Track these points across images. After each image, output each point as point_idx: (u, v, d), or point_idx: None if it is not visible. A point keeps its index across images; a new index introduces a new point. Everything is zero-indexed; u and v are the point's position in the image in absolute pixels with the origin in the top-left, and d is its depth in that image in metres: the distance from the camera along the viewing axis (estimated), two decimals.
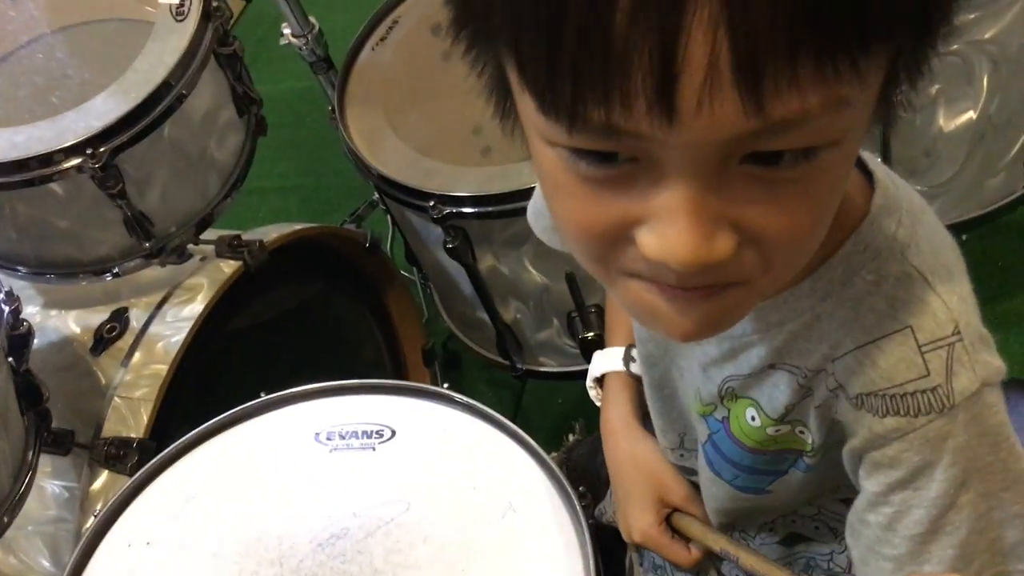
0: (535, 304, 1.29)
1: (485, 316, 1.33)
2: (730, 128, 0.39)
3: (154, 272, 1.21)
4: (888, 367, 0.55)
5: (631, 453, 0.85)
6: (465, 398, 0.94)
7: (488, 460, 0.90)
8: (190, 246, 1.22)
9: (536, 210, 0.84)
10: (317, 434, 0.95)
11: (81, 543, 0.89)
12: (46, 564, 1.10)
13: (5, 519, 0.98)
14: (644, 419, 0.87)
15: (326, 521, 0.87)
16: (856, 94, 0.41)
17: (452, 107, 1.27)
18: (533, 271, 1.23)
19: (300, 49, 1.55)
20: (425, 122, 1.26)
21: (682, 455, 0.81)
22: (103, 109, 0.99)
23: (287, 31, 1.56)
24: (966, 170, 1.31)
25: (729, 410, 0.66)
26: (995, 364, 0.56)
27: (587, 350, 1.29)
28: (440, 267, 1.32)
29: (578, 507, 0.83)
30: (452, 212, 1.12)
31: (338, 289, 1.45)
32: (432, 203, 1.12)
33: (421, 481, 0.90)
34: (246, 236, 1.21)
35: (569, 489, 0.85)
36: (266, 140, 1.25)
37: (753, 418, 0.64)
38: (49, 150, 0.96)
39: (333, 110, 1.27)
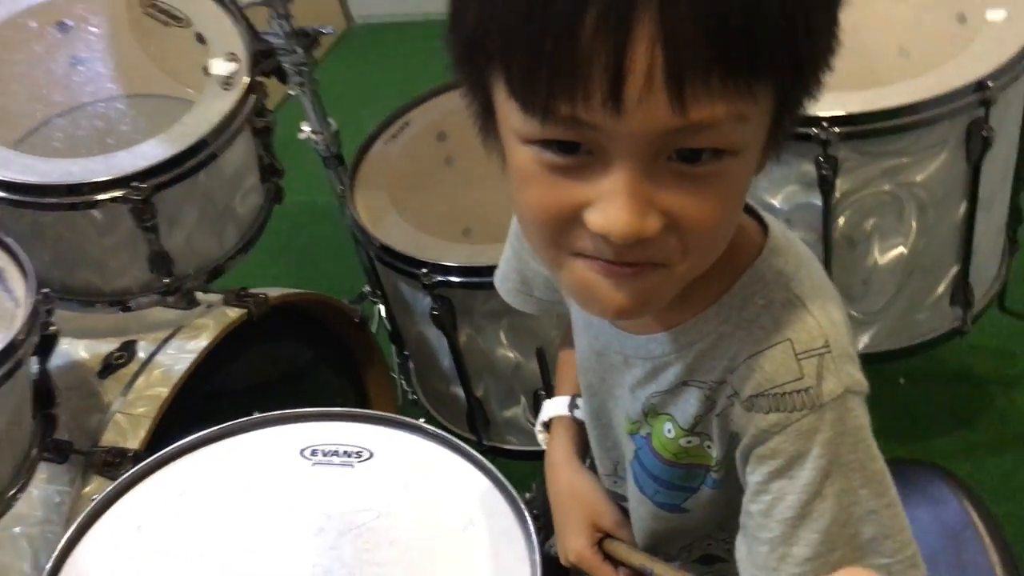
0: (505, 381, 1.41)
1: (458, 390, 1.46)
2: (661, 122, 0.53)
3: (164, 314, 1.34)
4: (772, 371, 0.67)
5: (569, 483, 0.95)
6: (437, 430, 1.05)
7: (454, 482, 1.01)
8: (199, 294, 1.36)
9: (503, 274, 0.97)
10: (302, 450, 1.05)
11: (76, 523, 0.97)
12: (26, 568, 1.17)
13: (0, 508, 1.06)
14: (584, 459, 0.99)
15: (304, 520, 0.97)
16: (751, 113, 0.56)
17: (447, 201, 1.44)
18: (507, 347, 1.37)
19: (316, 144, 1.73)
20: (423, 209, 1.42)
21: (615, 482, 0.92)
22: (150, 152, 1.15)
23: (307, 128, 1.74)
24: (897, 303, 1.46)
25: (652, 427, 0.78)
26: (857, 376, 0.68)
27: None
28: (423, 339, 1.45)
29: (530, 524, 0.94)
30: (441, 280, 1.26)
31: (325, 358, 1.56)
32: (425, 270, 1.26)
33: (392, 495, 1.00)
34: (252, 290, 1.34)
35: (523, 509, 0.96)
36: (262, 243, 1.39)
37: (669, 431, 0.76)
38: (99, 179, 1.11)
39: (343, 192, 1.44)
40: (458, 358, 1.38)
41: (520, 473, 1.54)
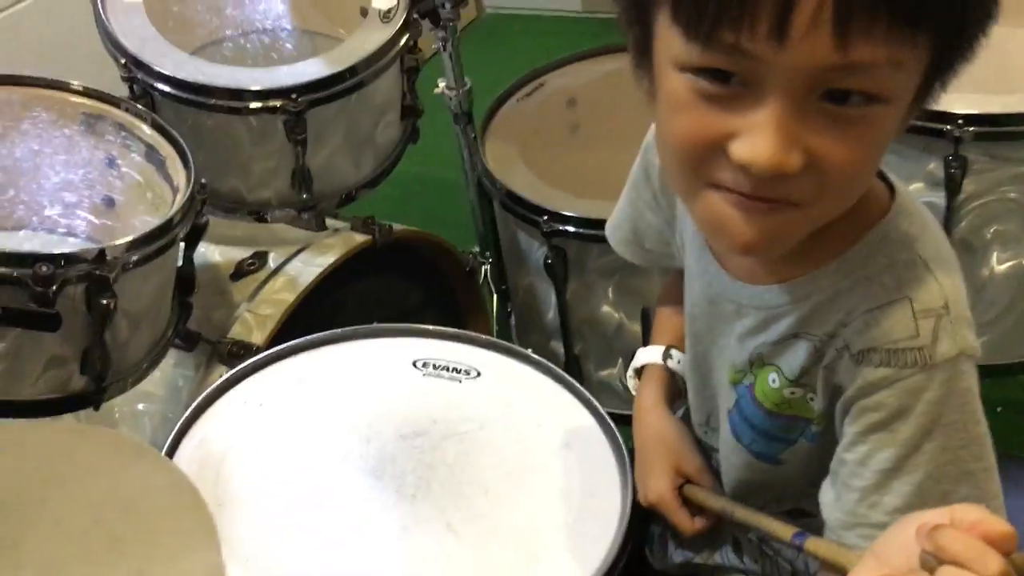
0: (606, 340, 1.45)
1: (558, 345, 1.50)
2: (822, 58, 0.56)
3: (295, 232, 1.42)
4: (888, 327, 0.69)
5: (656, 428, 0.98)
6: (545, 361, 1.11)
7: (555, 408, 1.06)
8: (328, 220, 1.44)
9: (615, 224, 1.00)
10: (415, 361, 1.11)
11: (199, 399, 1.05)
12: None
13: (130, 380, 1.15)
14: (673, 408, 1.00)
15: (411, 420, 1.03)
16: (908, 61, 0.58)
17: (572, 162, 1.49)
18: (613, 305, 1.41)
19: (450, 100, 1.80)
20: (549, 165, 1.47)
21: (706, 432, 0.95)
22: (309, 70, 1.23)
23: (442, 83, 1.81)
24: (1009, 316, 1.45)
25: (756, 376, 0.80)
26: (971, 341, 0.70)
27: None
28: (531, 292, 1.50)
29: (625, 454, 0.98)
30: (559, 230, 1.31)
31: (434, 301, 1.63)
32: (545, 218, 1.31)
33: (496, 412, 1.05)
34: (378, 220, 1.42)
35: (620, 439, 1.00)
36: (387, 196, 1.42)
37: (774, 380, 0.78)
38: (260, 88, 1.20)
39: (473, 141, 1.50)
40: (563, 311, 1.43)
41: None
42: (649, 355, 1.03)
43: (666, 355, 1.01)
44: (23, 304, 0.95)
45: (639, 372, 1.04)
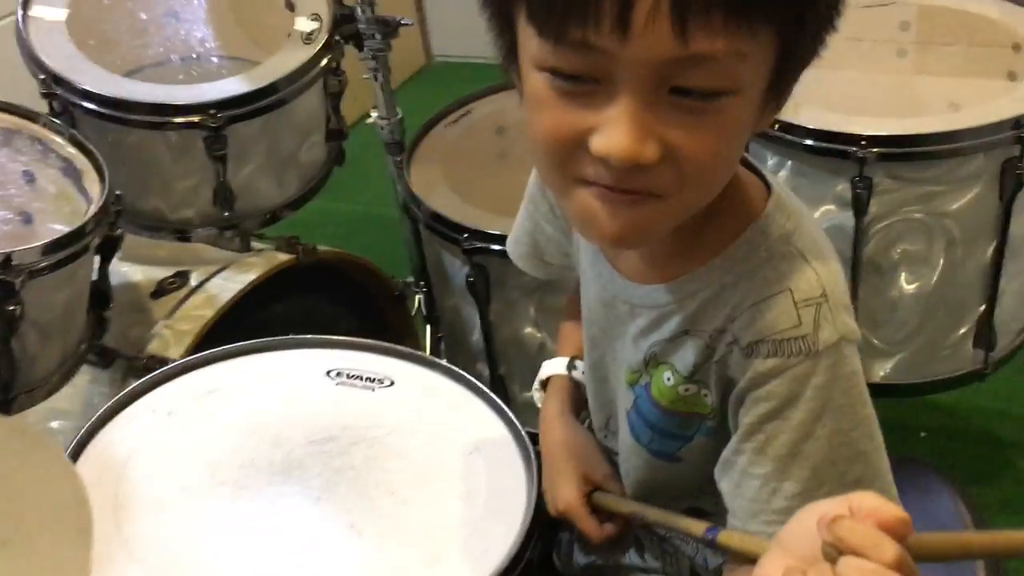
0: (529, 360, 1.46)
1: (484, 367, 1.51)
2: (663, 50, 0.58)
3: (218, 253, 1.43)
4: (772, 319, 0.72)
5: (562, 437, 0.99)
6: (457, 369, 1.12)
7: (465, 413, 1.07)
8: (253, 242, 1.45)
9: (515, 238, 1.02)
10: (328, 371, 1.12)
11: (109, 404, 1.05)
12: None
13: (37, 395, 1.14)
14: (579, 417, 1.02)
15: (322, 427, 1.03)
16: (750, 51, 0.60)
17: (496, 186, 1.52)
18: (534, 324, 1.42)
19: (382, 129, 1.83)
20: (473, 188, 1.50)
21: (606, 436, 0.96)
22: (229, 87, 1.26)
23: (375, 114, 1.85)
24: (919, 336, 1.49)
25: (651, 375, 0.82)
26: (852, 325, 0.73)
27: None
28: (456, 314, 1.51)
29: (532, 456, 0.99)
30: (480, 247, 1.34)
31: (363, 326, 1.63)
32: (466, 235, 1.33)
33: (406, 418, 1.06)
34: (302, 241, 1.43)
35: (527, 443, 1.01)
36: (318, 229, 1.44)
37: (668, 378, 0.81)
38: (179, 103, 1.22)
39: (400, 163, 1.53)
40: (487, 332, 1.44)
41: None
42: (553, 367, 1.05)
43: (570, 366, 1.03)
44: None
45: (544, 384, 1.06)
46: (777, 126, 1.38)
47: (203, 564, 0.88)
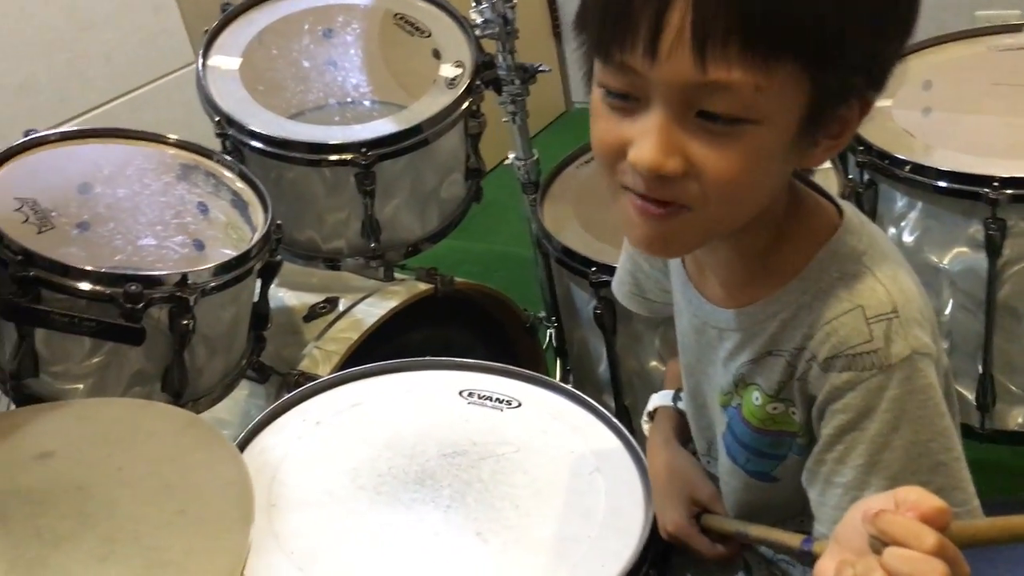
0: (654, 391, 1.49)
1: (610, 399, 1.56)
2: (685, 75, 0.65)
3: (364, 282, 1.54)
4: (845, 335, 0.76)
5: (667, 462, 1.03)
6: (581, 394, 1.18)
7: (588, 436, 1.12)
8: (396, 272, 1.56)
9: (619, 279, 1.09)
10: (461, 391, 1.20)
11: (265, 412, 1.15)
12: None
13: (202, 404, 1.26)
14: (685, 445, 1.05)
15: (453, 441, 1.10)
16: (767, 86, 0.65)
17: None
18: (659, 358, 1.46)
19: (518, 169, 1.92)
20: (602, 225, 1.56)
21: (709, 462, 1.00)
22: (379, 127, 1.37)
23: (512, 155, 1.94)
24: None
25: (742, 397, 0.86)
26: (924, 340, 0.75)
27: None
28: (584, 345, 1.57)
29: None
30: (607, 281, 1.39)
31: (494, 355, 1.71)
32: (594, 269, 1.39)
33: (532, 437, 1.12)
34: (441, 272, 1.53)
35: (647, 467, 1.05)
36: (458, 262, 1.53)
37: (757, 398, 0.84)
38: (334, 142, 1.34)
39: (534, 202, 1.61)
40: (613, 363, 1.49)
41: None
42: (660, 399, 1.11)
43: (675, 398, 1.09)
44: (114, 319, 1.07)
45: (652, 416, 1.11)
46: (908, 168, 1.39)
47: (343, 560, 0.97)
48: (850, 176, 1.48)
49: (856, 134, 1.44)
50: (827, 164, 1.55)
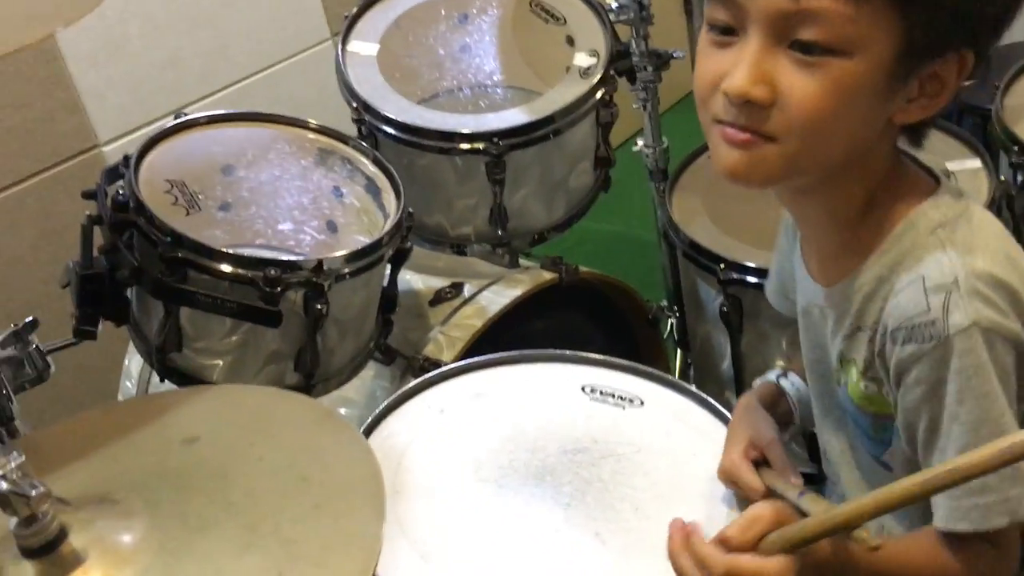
0: None
1: (732, 396, 1.53)
2: (780, 4, 0.69)
3: (489, 268, 1.55)
4: (906, 305, 0.75)
5: (740, 409, 1.06)
6: (707, 396, 1.16)
7: (712, 442, 1.10)
8: (521, 260, 1.57)
9: (769, 278, 1.11)
10: (584, 386, 1.20)
11: (391, 398, 1.18)
12: None
13: (332, 384, 1.30)
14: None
15: (574, 438, 1.11)
16: (856, 15, 0.68)
17: (758, 216, 1.53)
18: (785, 359, 1.43)
19: (647, 157, 1.90)
20: (733, 219, 1.53)
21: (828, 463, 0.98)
22: (511, 117, 1.38)
23: (641, 142, 1.92)
24: None
25: (846, 374, 0.86)
26: (987, 313, 0.73)
27: (813, 448, 1.45)
28: (707, 341, 1.55)
29: None
30: (735, 279, 1.37)
31: (615, 345, 1.71)
32: (722, 266, 1.37)
33: (654, 438, 1.11)
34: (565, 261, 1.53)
35: None
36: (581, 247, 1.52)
37: (854, 375, 0.84)
38: (466, 131, 1.36)
39: (662, 190, 1.59)
40: (737, 361, 1.47)
41: None
42: (766, 376, 1.11)
43: (780, 375, 1.09)
44: (253, 301, 1.12)
45: None
46: None
47: (464, 549, 0.99)
48: (1002, 177, 1.41)
49: (1010, 132, 1.38)
50: (976, 163, 1.48)
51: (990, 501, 0.73)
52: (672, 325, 1.83)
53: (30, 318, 1.12)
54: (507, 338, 1.46)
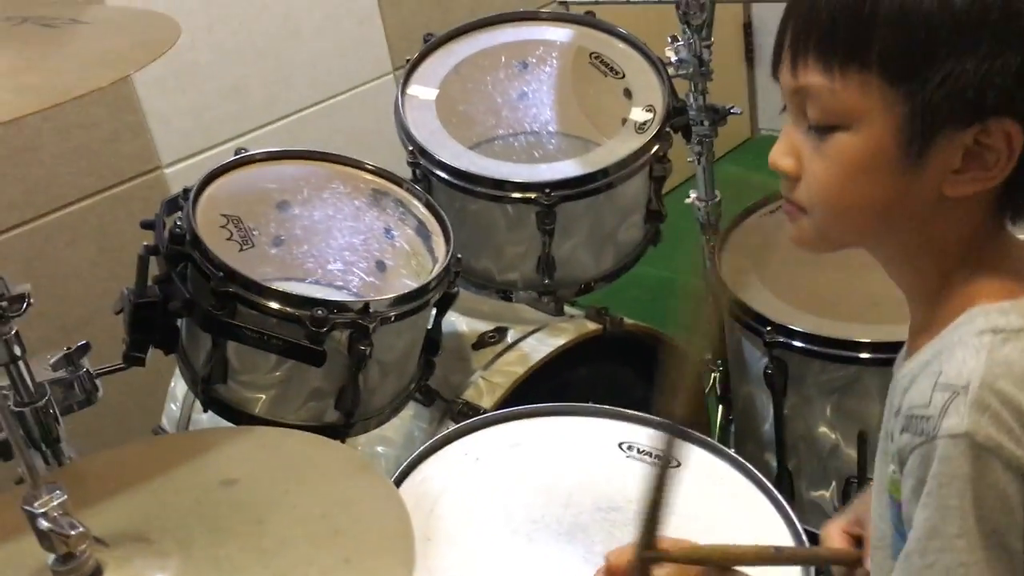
0: (820, 460, 1.45)
1: (771, 458, 1.51)
2: (788, 82, 0.75)
3: (534, 314, 1.56)
4: (914, 394, 0.72)
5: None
6: (744, 461, 1.15)
7: (747, 505, 1.10)
8: (566, 307, 1.57)
9: None
10: (621, 443, 1.20)
11: (428, 443, 1.19)
12: None
13: (371, 424, 1.31)
14: None
15: (609, 496, 1.11)
16: (843, 91, 0.71)
17: (808, 279, 1.52)
18: (829, 424, 1.41)
19: (699, 210, 1.90)
20: (783, 280, 1.51)
21: None
22: (564, 169, 1.38)
23: (694, 194, 1.92)
24: None
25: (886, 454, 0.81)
26: (988, 431, 0.67)
27: None
28: (750, 401, 1.53)
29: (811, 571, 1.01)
30: (782, 342, 1.35)
31: (654, 397, 1.70)
32: (769, 328, 1.36)
33: (689, 501, 1.10)
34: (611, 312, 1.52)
35: (804, 543, 1.03)
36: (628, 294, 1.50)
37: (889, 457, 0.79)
38: (519, 180, 1.36)
39: (712, 245, 1.58)
40: (779, 424, 1.45)
41: None
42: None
43: None
44: (299, 339, 1.13)
45: None
46: None
47: None
48: None
49: None
50: None
51: None
52: (715, 379, 1.82)
53: (83, 342, 1.14)
54: (548, 386, 1.46)
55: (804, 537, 1.05)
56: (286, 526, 0.73)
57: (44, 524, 0.62)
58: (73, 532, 0.63)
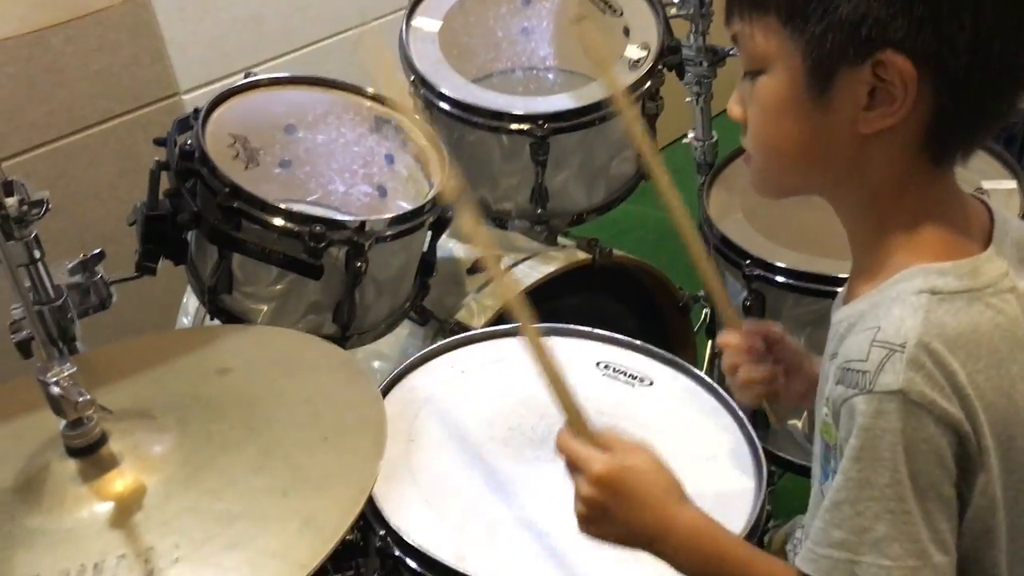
0: None
1: None
2: (729, 31, 0.80)
3: (527, 243, 1.63)
4: (851, 347, 0.75)
5: None
6: (711, 380, 1.23)
7: (713, 426, 1.18)
8: (559, 238, 1.64)
9: None
10: (598, 363, 1.27)
11: (418, 355, 1.27)
12: None
13: (366, 338, 1.39)
14: None
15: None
16: (754, 34, 0.77)
17: (792, 217, 1.58)
18: None
19: (695, 149, 1.95)
20: (767, 217, 1.57)
21: None
22: (558, 102, 1.44)
23: (692, 134, 1.97)
24: None
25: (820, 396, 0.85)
26: (922, 389, 0.71)
27: None
28: None
29: (764, 474, 1.09)
30: (760, 275, 1.41)
31: (644, 330, 1.76)
32: (748, 262, 1.42)
33: (657, 417, 1.18)
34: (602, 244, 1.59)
35: (763, 462, 1.10)
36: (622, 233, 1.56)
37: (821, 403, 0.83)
38: (515, 112, 1.43)
39: (703, 186, 1.64)
40: None
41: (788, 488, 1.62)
42: None
43: None
44: (298, 253, 1.21)
45: None
46: None
47: (465, 499, 1.07)
48: None
49: None
50: (1011, 184, 1.50)
51: (840, 558, 0.74)
52: (706, 315, 1.88)
53: (98, 250, 1.23)
54: (538, 312, 1.53)
55: (761, 452, 1.12)
56: (273, 409, 0.81)
57: (55, 390, 0.70)
58: (81, 399, 0.71)
